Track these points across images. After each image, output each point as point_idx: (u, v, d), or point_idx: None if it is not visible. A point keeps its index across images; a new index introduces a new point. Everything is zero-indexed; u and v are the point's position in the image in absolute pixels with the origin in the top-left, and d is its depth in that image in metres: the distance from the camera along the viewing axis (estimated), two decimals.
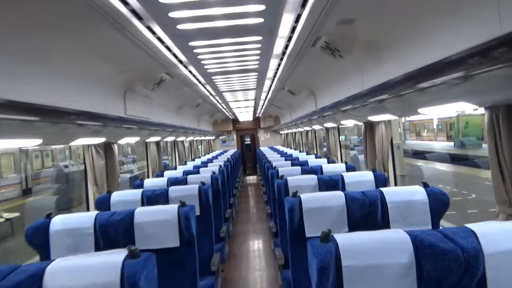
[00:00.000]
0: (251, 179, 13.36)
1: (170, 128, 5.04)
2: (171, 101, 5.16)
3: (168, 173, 4.85)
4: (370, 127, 3.88)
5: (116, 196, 3.02)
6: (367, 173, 3.11)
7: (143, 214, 2.20)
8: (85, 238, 2.13)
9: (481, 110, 2.38)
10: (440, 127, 16.45)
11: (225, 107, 7.55)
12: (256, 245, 5.43)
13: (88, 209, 3.76)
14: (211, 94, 5.37)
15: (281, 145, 12.66)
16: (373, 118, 3.32)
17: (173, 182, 3.88)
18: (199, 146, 12.16)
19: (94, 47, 2.36)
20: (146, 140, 5.40)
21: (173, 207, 2.23)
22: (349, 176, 3.09)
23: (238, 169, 9.94)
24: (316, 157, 6.04)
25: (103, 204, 2.99)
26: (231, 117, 12.13)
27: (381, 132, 3.53)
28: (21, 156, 9.41)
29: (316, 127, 6.73)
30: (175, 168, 5.61)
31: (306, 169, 4.01)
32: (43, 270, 1.25)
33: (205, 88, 4.58)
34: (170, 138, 6.61)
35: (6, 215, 7.65)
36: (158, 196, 3.04)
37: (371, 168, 3.53)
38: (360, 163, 7.43)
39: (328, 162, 4.85)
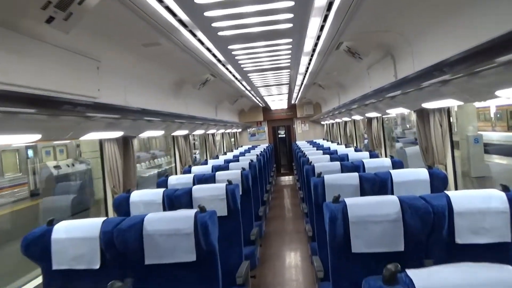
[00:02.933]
0: (287, 180, 11.87)
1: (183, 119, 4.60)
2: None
3: (196, 169, 4.71)
4: (422, 116, 3.43)
5: (135, 196, 2.87)
6: (420, 171, 2.71)
7: (155, 221, 1.97)
8: (89, 248, 1.95)
9: None
10: (498, 115, 15.22)
11: (253, 93, 7.10)
12: (291, 250, 5.15)
13: (106, 210, 3.65)
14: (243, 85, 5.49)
15: (323, 139, 11.03)
16: (430, 104, 2.89)
17: (200, 179, 3.74)
18: (221, 141, 10.28)
19: (152, 56, 2.99)
20: (173, 134, 5.32)
21: (189, 214, 1.98)
22: (398, 174, 2.73)
23: (270, 168, 9.04)
24: (356, 150, 5.72)
25: (121, 204, 2.87)
26: (261, 105, 10.57)
27: (438, 121, 3.10)
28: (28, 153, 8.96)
29: (357, 117, 6.33)
30: (206, 163, 5.50)
31: (347, 164, 3.71)
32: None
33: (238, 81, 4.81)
34: (198, 132, 6.48)
35: None
36: (181, 196, 2.86)
37: (427, 165, 3.09)
38: (407, 157, 6.89)
39: (371, 156, 4.52)
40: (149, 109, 3.23)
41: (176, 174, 5.72)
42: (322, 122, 11.78)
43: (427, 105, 2.77)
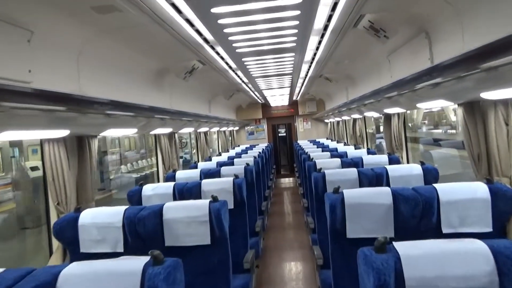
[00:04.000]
0: (287, 182, 11.04)
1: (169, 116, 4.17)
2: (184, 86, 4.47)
3: (182, 174, 4.59)
4: (473, 111, 2.65)
5: (147, 189, 3.06)
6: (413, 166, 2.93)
7: (173, 209, 2.20)
8: (113, 233, 2.17)
9: None
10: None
11: (251, 87, 6.44)
12: (293, 241, 5.42)
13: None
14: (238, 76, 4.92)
15: (327, 138, 10.53)
16: (492, 94, 2.16)
17: (206, 174, 4.00)
18: (217, 140, 9.70)
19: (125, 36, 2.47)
20: (152, 132, 4.71)
21: (204, 203, 2.22)
22: (394, 170, 2.97)
23: (270, 169, 8.53)
24: (369, 152, 5.10)
25: (134, 197, 3.05)
26: (260, 101, 10.05)
27: (502, 118, 2.32)
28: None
29: (370, 114, 5.66)
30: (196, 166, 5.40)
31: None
32: (56, 276, 1.23)
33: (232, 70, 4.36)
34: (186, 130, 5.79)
35: None
36: (191, 189, 3.08)
37: (484, 178, 2.32)
38: (433, 163, 6.07)
39: (391, 162, 3.85)
40: (119, 100, 2.54)
41: (157, 181, 4.99)
42: (326, 120, 10.99)
43: (488, 95, 2.04)
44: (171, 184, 3.12)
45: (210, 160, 5.99)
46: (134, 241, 2.20)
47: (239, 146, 9.92)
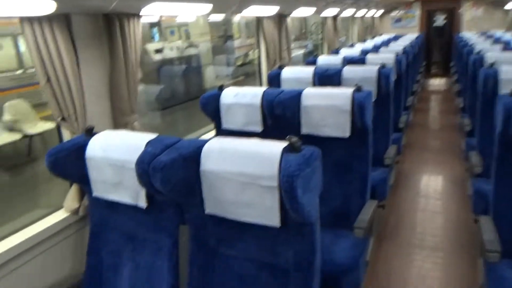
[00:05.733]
0: (437, 84, 9.28)
1: None
2: None
3: (344, 51, 4.70)
4: None
5: (287, 72, 3.02)
6: None
7: (312, 96, 2.13)
8: (252, 113, 2.22)
9: None
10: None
11: None
12: (440, 142, 5.14)
13: (260, 83, 3.97)
14: None
15: (505, 31, 8.15)
16: None
17: (349, 61, 3.80)
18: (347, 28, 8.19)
19: None
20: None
21: (346, 92, 2.09)
22: None
23: (419, 66, 7.28)
24: None
25: (274, 79, 3.04)
26: None
27: None
28: None
29: None
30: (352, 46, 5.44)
31: None
32: (200, 148, 1.24)
33: None
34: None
35: None
36: (331, 76, 2.98)
37: None
38: None
39: None
40: None
41: (259, 80, 4.25)
42: (507, 7, 8.51)
43: None
44: (311, 68, 3.02)
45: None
46: (271, 123, 2.21)
47: (381, 35, 8.66)
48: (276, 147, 1.16)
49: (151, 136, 1.39)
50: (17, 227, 1.55)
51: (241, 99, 2.25)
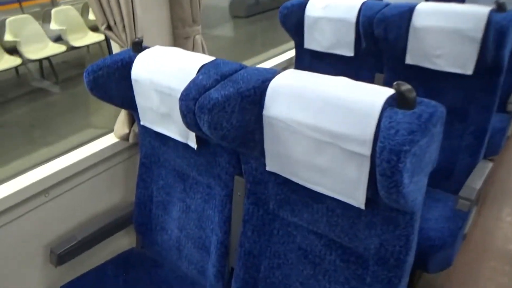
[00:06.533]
0: None
1: None
2: None
3: None
4: None
5: None
6: None
7: (428, 14, 1.62)
8: (344, 31, 1.84)
9: None
10: None
11: None
12: None
13: None
14: None
15: None
16: None
17: None
18: None
19: None
20: None
21: (479, 11, 1.52)
22: None
23: None
24: None
25: None
26: None
27: None
28: None
29: None
30: None
31: None
32: (265, 84, 0.93)
33: None
34: None
35: None
36: None
37: None
38: None
39: None
40: None
41: None
42: None
43: None
44: None
45: None
46: (367, 48, 1.83)
47: None
48: (376, 94, 0.77)
49: (207, 58, 1.08)
50: (68, 147, 1.45)
51: (332, 12, 1.88)
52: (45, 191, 1.28)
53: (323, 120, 0.81)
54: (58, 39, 5.75)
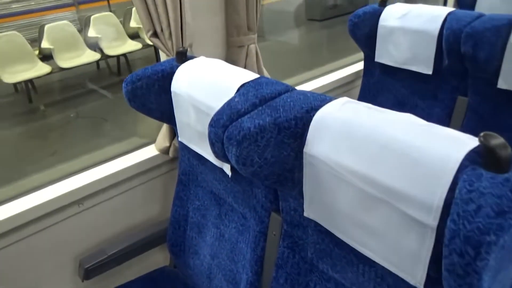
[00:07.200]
0: None
1: None
2: None
3: None
4: None
5: None
6: None
7: None
8: (424, 45, 1.58)
9: None
10: None
11: None
12: None
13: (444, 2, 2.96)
14: None
15: None
16: None
17: None
18: None
19: None
20: None
21: None
22: None
23: None
24: None
25: None
26: None
27: None
28: None
29: None
30: None
31: None
32: (309, 114, 0.76)
33: None
34: None
35: None
36: None
37: None
38: None
39: None
40: None
41: None
42: None
43: None
44: None
45: None
46: (449, 65, 1.55)
47: None
48: (454, 145, 0.58)
49: (250, 76, 0.95)
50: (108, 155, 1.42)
51: (411, 22, 1.62)
52: (79, 200, 1.25)
53: (378, 170, 0.63)
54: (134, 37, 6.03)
